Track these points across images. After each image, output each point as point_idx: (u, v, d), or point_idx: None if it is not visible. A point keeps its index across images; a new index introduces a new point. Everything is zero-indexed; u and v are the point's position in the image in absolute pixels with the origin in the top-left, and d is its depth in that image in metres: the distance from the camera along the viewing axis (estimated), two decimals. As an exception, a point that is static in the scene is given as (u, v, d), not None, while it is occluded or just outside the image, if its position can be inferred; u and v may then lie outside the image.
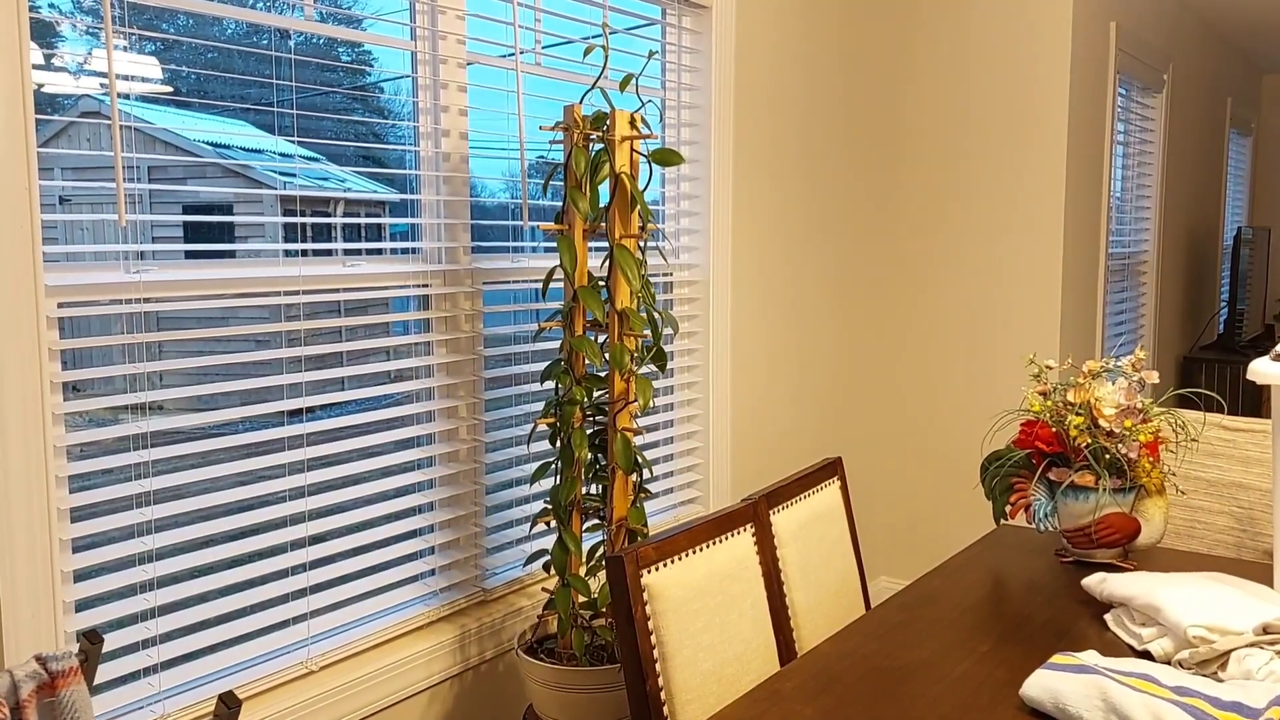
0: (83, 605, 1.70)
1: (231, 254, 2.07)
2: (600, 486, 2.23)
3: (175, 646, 1.82)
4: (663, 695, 1.64)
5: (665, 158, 2.17)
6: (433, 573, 2.31)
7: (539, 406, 2.52)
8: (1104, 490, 1.95)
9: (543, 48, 2.46)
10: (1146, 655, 1.61)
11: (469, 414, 2.36)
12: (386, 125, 2.20)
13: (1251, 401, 5.45)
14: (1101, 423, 1.96)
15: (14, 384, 1.54)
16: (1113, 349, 4.38)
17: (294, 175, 2.02)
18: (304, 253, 2.03)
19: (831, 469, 2.25)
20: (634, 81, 2.18)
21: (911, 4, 3.80)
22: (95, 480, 1.71)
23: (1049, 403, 2.04)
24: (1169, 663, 1.57)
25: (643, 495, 2.23)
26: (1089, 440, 1.96)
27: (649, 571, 1.65)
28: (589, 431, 2.19)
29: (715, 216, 3.01)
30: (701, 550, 1.77)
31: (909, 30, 3.81)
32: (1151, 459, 1.99)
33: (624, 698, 2.10)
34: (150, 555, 1.77)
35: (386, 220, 2.25)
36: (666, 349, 2.85)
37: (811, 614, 2.05)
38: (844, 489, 2.27)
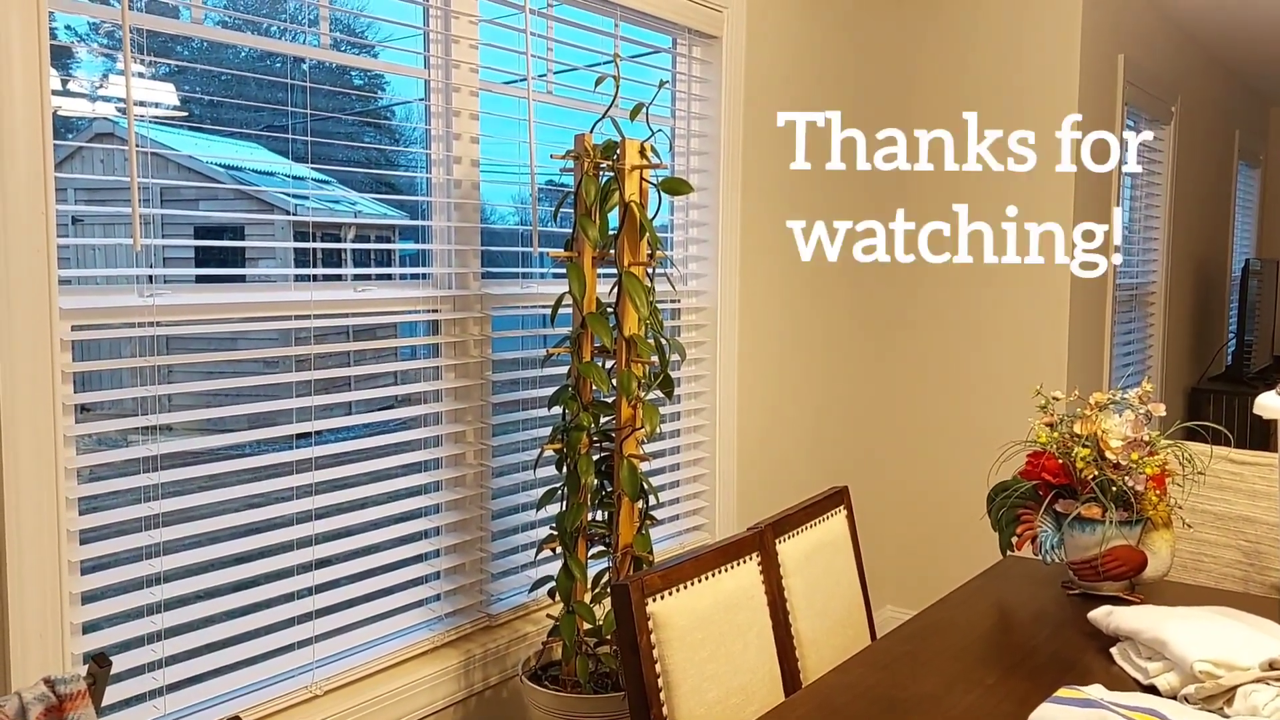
0: (90, 627, 1.70)
1: (242, 278, 2.08)
2: (606, 513, 2.23)
3: (181, 669, 1.82)
4: (667, 724, 1.64)
5: (674, 187, 2.19)
6: (438, 598, 2.31)
7: (546, 432, 2.52)
8: (1110, 523, 1.95)
9: (554, 75, 2.48)
10: (1152, 689, 1.61)
11: (476, 439, 2.36)
12: (398, 150, 2.22)
13: (1259, 434, 5.42)
14: (1108, 455, 1.96)
15: (27, 406, 1.55)
16: (1120, 380, 4.37)
17: (306, 199, 2.04)
18: (314, 277, 2.04)
19: (838, 498, 2.25)
20: (644, 111, 2.20)
21: (919, 35, 3.82)
22: (105, 502, 1.71)
23: (1056, 434, 2.05)
24: (1175, 697, 1.56)
25: (648, 522, 2.23)
26: (1095, 472, 1.96)
27: (654, 599, 1.65)
28: (595, 458, 2.20)
29: (723, 244, 3.02)
30: (707, 579, 1.77)
31: (917, 61, 3.83)
32: (1158, 492, 1.99)
33: (628, 726, 2.10)
34: (158, 577, 1.78)
35: (397, 245, 2.27)
36: (674, 376, 2.86)
37: (817, 644, 2.04)
38: (850, 518, 2.26)
